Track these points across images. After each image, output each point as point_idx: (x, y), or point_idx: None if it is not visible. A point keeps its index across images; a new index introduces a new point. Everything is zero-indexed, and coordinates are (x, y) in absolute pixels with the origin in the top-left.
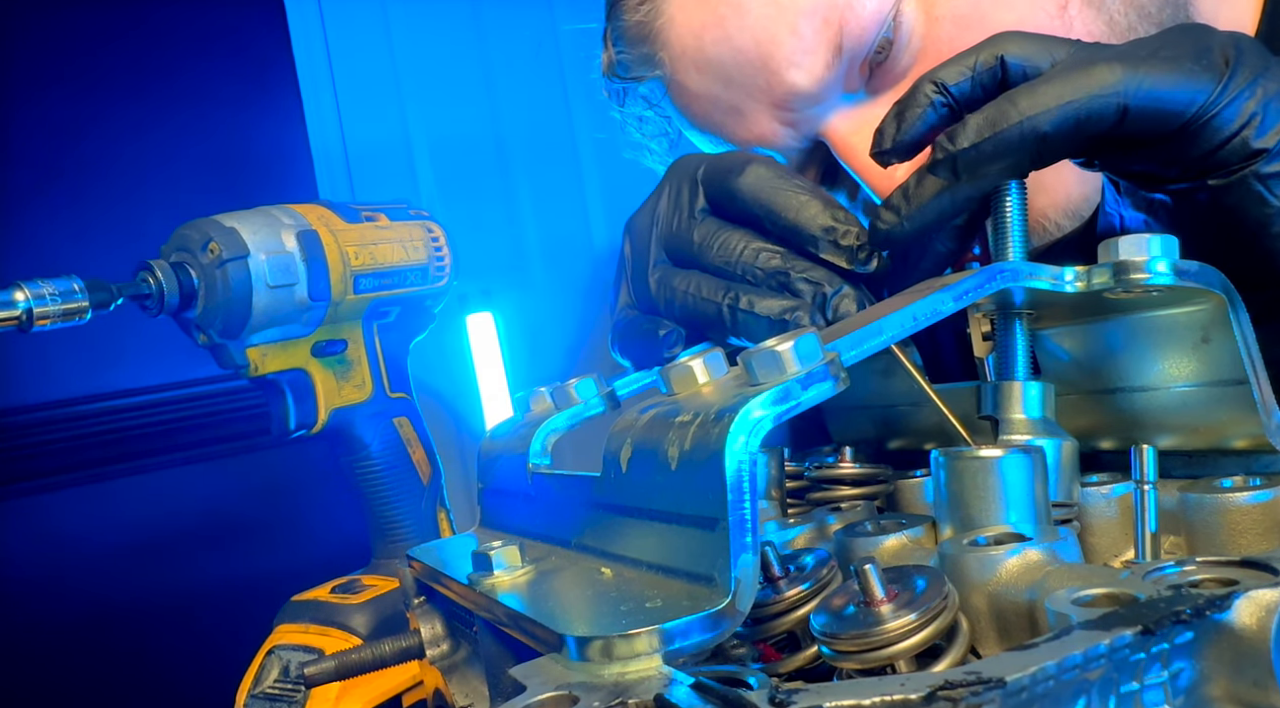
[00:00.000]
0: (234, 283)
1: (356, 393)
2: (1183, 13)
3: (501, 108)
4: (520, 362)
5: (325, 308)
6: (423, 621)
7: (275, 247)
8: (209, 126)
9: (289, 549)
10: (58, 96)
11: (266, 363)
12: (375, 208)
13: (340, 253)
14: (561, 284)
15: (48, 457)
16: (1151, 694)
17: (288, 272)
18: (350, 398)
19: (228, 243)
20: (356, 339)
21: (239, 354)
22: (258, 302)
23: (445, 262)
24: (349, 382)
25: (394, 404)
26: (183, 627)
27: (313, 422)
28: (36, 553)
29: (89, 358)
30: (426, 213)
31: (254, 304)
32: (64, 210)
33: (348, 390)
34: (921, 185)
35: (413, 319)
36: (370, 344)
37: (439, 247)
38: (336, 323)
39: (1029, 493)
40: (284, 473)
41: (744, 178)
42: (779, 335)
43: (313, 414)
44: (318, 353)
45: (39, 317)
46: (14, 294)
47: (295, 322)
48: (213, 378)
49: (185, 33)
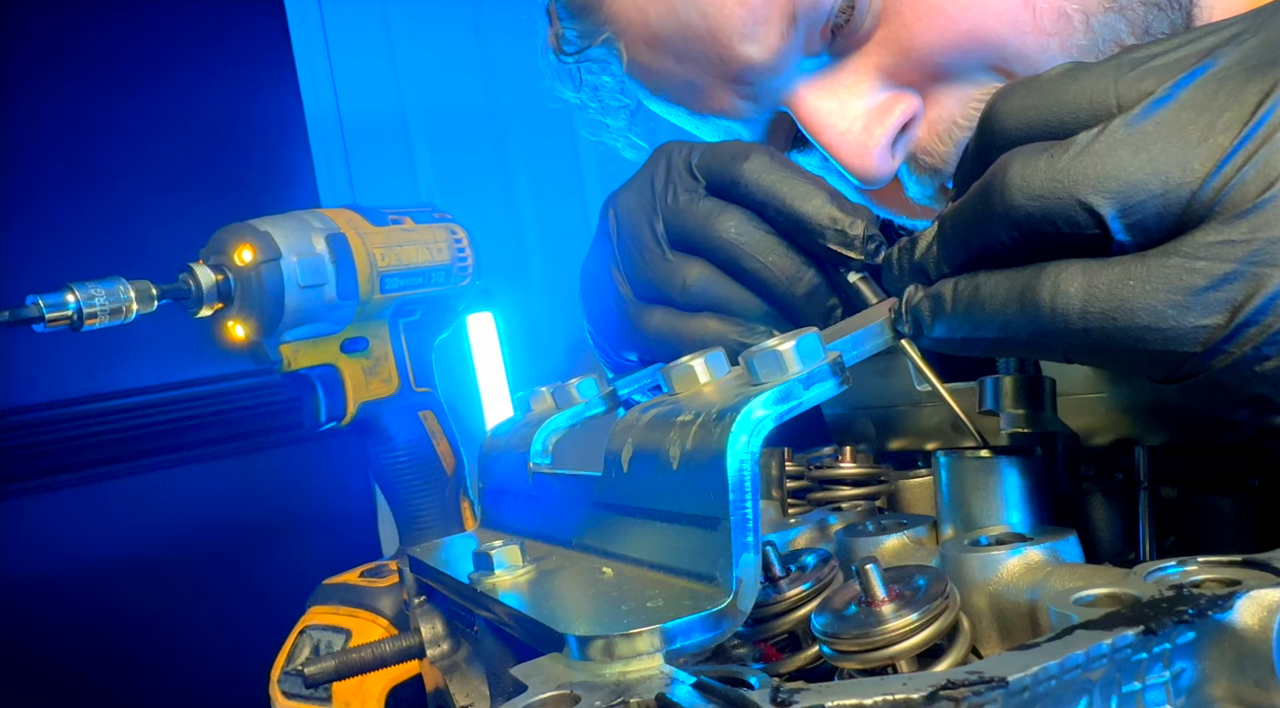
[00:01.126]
0: (267, 283)
1: (384, 387)
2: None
3: (502, 108)
4: (520, 362)
5: (354, 306)
6: (423, 621)
7: (306, 249)
8: (209, 128)
9: (289, 549)
10: (47, 91)
11: (298, 359)
12: (401, 211)
13: (368, 255)
14: (561, 284)
15: (48, 457)
16: (1153, 694)
17: (318, 273)
18: (377, 392)
19: (262, 245)
20: (383, 336)
21: (273, 350)
22: (289, 301)
23: (468, 262)
24: (376, 377)
25: (419, 398)
26: (182, 626)
27: (342, 414)
28: (36, 553)
29: (89, 358)
30: (450, 216)
31: (286, 303)
32: (62, 209)
33: (375, 385)
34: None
35: (437, 317)
36: (397, 341)
37: (462, 248)
38: (364, 321)
39: (1030, 493)
40: (285, 473)
41: (747, 165)
42: (780, 335)
43: (342, 408)
44: (347, 349)
45: (88, 316)
46: (65, 296)
47: (325, 319)
48: (213, 378)
49: (184, 29)
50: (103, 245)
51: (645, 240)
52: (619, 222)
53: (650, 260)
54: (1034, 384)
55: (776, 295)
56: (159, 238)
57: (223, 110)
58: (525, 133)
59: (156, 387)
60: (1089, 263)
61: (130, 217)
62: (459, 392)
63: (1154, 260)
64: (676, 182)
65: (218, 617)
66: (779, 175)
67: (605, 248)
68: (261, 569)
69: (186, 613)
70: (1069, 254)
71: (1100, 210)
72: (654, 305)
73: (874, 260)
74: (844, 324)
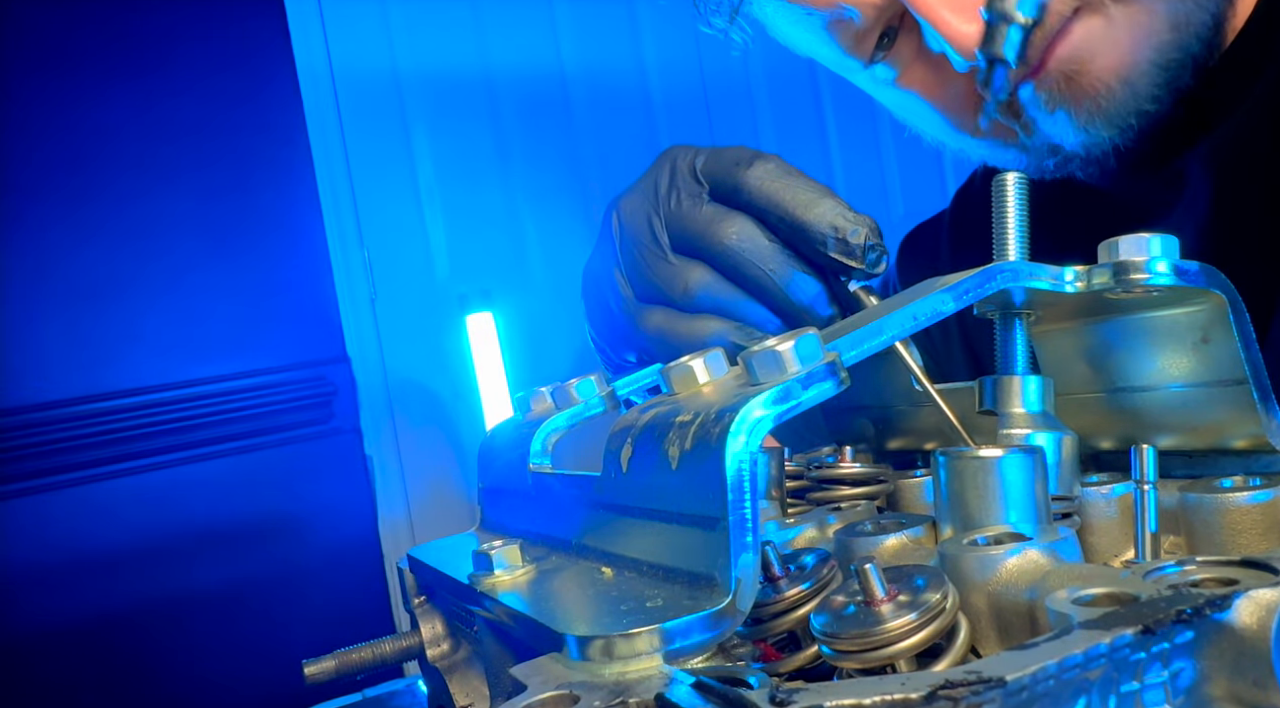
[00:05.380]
0: None
1: None
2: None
3: (502, 110)
4: (520, 362)
5: None
6: (423, 620)
7: None
8: (210, 131)
9: (289, 549)
10: (46, 87)
11: None
12: None
13: None
14: (561, 284)
15: (48, 457)
16: (1152, 694)
17: None
18: None
19: None
20: None
21: None
22: None
23: None
24: None
25: None
26: (182, 626)
27: None
28: (36, 553)
29: (89, 358)
30: None
31: None
32: (62, 206)
33: None
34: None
35: None
36: None
37: None
38: None
39: (1029, 493)
40: (285, 473)
41: (751, 171)
42: (779, 335)
43: None
44: None
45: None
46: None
47: None
48: (213, 378)
49: (185, 30)
50: (104, 245)
51: (648, 243)
52: (622, 223)
53: (652, 262)
54: (1033, 382)
55: (776, 302)
56: (160, 236)
57: (223, 110)
58: (525, 133)
59: (156, 387)
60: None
61: (131, 216)
62: (459, 392)
63: None
64: (680, 186)
65: (218, 616)
66: (782, 183)
67: (608, 250)
68: (261, 569)
69: (186, 613)
70: None
71: None
72: (654, 306)
73: (875, 270)
74: (843, 324)
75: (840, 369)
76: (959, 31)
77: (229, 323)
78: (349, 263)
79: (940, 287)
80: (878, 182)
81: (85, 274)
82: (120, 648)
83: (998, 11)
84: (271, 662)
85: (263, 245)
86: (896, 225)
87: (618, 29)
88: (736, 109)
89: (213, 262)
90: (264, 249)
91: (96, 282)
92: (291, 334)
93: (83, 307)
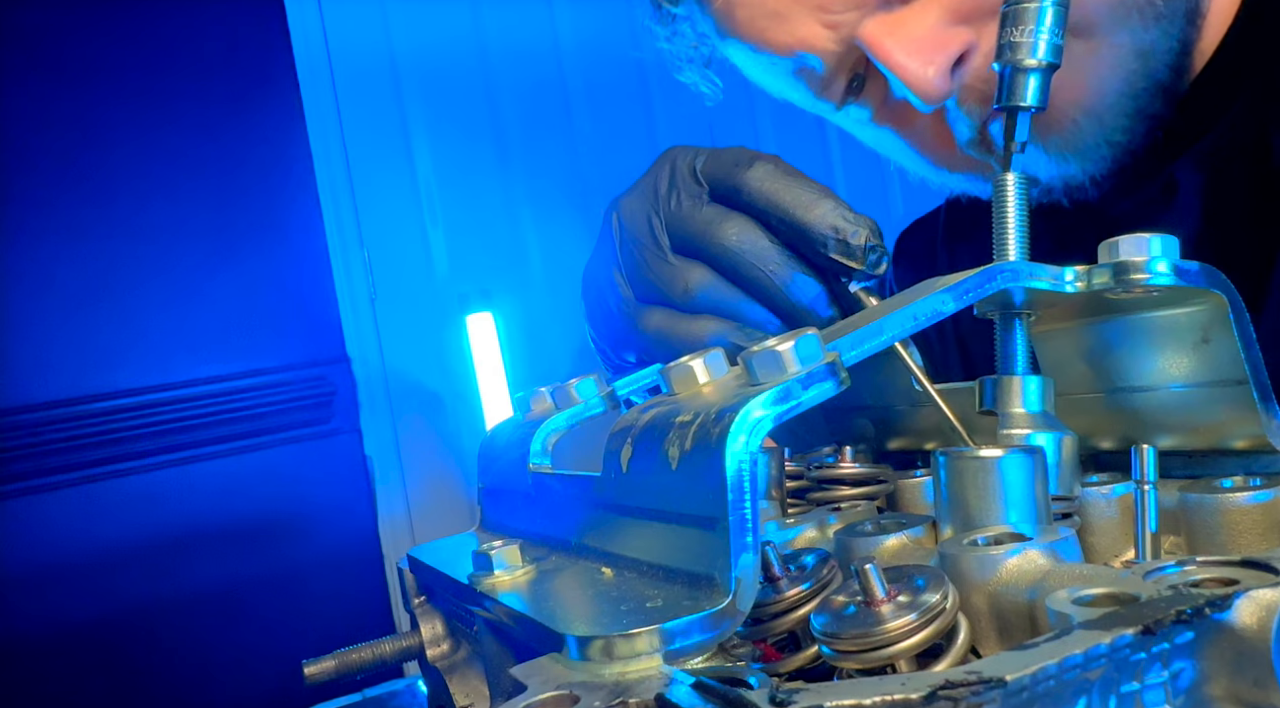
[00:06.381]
0: None
1: None
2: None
3: (502, 110)
4: (520, 362)
5: None
6: (423, 621)
7: None
8: (209, 132)
9: (289, 549)
10: (48, 91)
11: None
12: None
13: None
14: (561, 284)
15: (48, 457)
16: (1152, 694)
17: None
18: None
19: None
20: None
21: None
22: None
23: None
24: None
25: None
26: (182, 626)
27: None
28: (36, 553)
29: (89, 358)
30: None
31: None
32: (62, 207)
33: None
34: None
35: None
36: None
37: None
38: None
39: (1029, 493)
40: (285, 473)
41: (751, 172)
42: (779, 335)
43: None
44: None
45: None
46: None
47: None
48: (213, 378)
49: (184, 31)
50: (104, 245)
51: (648, 243)
52: (622, 224)
53: (652, 263)
54: (1033, 382)
55: (777, 303)
56: (160, 236)
57: (222, 111)
58: (525, 133)
59: (156, 387)
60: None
61: (131, 216)
62: (459, 392)
63: None
64: (680, 186)
65: (217, 616)
66: (782, 184)
67: (608, 250)
68: (261, 569)
69: (186, 613)
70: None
71: None
72: (654, 307)
73: (875, 271)
74: (843, 324)
75: (840, 369)
76: (918, 76)
77: (229, 323)
78: (349, 263)
79: (940, 287)
80: (878, 182)
81: (85, 274)
82: (120, 648)
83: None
84: (271, 662)
85: (263, 245)
86: (896, 225)
87: (617, 28)
88: (737, 109)
89: (213, 262)
90: (264, 249)
91: (96, 282)
92: (291, 334)
93: (83, 307)
